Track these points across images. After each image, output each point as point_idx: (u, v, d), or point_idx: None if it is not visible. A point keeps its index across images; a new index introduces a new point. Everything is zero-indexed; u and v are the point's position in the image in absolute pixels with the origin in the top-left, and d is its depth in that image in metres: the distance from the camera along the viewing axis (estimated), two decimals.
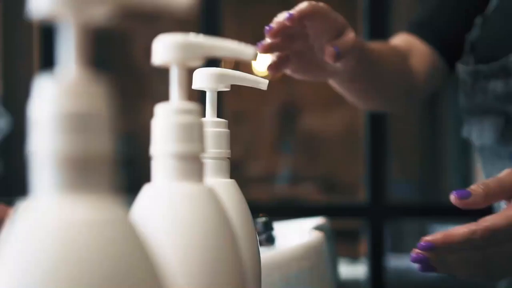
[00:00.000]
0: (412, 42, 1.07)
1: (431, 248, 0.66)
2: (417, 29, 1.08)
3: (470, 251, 0.67)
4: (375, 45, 1.02)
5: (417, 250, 0.66)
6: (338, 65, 0.88)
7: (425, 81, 1.07)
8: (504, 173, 0.70)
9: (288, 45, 0.86)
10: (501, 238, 0.66)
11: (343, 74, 0.92)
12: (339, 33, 0.85)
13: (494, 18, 0.95)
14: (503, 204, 0.87)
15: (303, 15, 0.81)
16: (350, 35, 0.85)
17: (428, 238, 0.66)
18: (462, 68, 0.96)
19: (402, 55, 1.05)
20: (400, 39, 1.09)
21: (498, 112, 0.92)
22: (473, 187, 0.68)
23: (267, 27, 0.82)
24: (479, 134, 0.96)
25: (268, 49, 0.83)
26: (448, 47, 1.06)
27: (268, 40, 0.83)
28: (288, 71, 0.90)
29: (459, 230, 0.66)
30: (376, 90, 1.03)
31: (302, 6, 0.82)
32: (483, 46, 0.95)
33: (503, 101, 0.91)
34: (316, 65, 0.90)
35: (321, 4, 0.83)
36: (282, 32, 0.82)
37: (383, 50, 1.02)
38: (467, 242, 0.66)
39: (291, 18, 0.80)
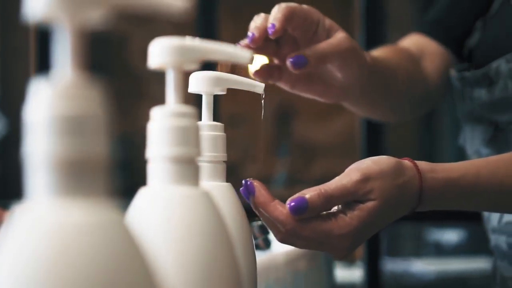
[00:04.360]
0: (424, 43, 1.01)
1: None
2: (429, 29, 1.02)
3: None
4: (382, 52, 0.96)
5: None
6: (340, 76, 0.81)
7: (440, 85, 1.01)
8: (349, 178, 0.68)
9: (276, 51, 0.80)
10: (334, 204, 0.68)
11: (352, 91, 0.85)
12: (324, 35, 0.79)
13: (494, 22, 0.93)
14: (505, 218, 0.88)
15: (283, 23, 0.75)
16: (333, 39, 0.79)
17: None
18: (452, 74, 0.95)
19: (414, 60, 0.99)
20: (411, 41, 1.02)
21: (489, 121, 0.91)
22: (313, 199, 0.66)
23: (249, 34, 0.76)
24: (471, 142, 0.95)
25: (255, 45, 0.76)
26: (462, 45, 0.99)
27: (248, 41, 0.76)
28: (283, 85, 0.83)
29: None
30: (388, 101, 0.97)
31: (278, 12, 0.76)
32: (482, 51, 0.94)
33: (488, 109, 0.90)
34: (318, 79, 0.83)
35: (294, 4, 0.77)
36: (265, 38, 0.76)
37: (391, 57, 0.95)
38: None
39: (274, 31, 0.75)
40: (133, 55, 4.02)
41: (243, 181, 0.67)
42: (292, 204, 0.66)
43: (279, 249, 0.96)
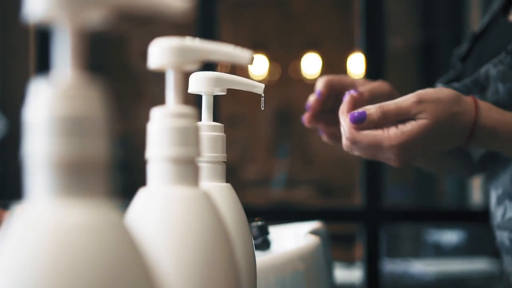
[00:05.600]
0: None
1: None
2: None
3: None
4: None
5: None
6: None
7: None
8: (406, 99, 0.77)
9: (332, 120, 0.96)
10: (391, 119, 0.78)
11: None
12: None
13: (487, 35, 0.95)
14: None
15: (327, 88, 0.94)
16: (374, 83, 0.94)
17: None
18: (439, 86, 0.97)
19: None
20: None
21: None
22: (371, 112, 0.78)
23: (308, 104, 0.96)
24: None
25: (312, 121, 0.97)
26: None
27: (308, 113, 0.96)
28: (325, 138, 0.99)
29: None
30: (439, 157, 1.05)
31: (320, 82, 0.95)
32: (471, 62, 0.96)
33: None
34: None
35: (330, 76, 0.97)
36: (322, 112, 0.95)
37: None
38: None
39: (320, 92, 0.94)
40: (133, 56, 4.02)
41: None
42: (353, 115, 0.78)
43: (278, 250, 0.96)
